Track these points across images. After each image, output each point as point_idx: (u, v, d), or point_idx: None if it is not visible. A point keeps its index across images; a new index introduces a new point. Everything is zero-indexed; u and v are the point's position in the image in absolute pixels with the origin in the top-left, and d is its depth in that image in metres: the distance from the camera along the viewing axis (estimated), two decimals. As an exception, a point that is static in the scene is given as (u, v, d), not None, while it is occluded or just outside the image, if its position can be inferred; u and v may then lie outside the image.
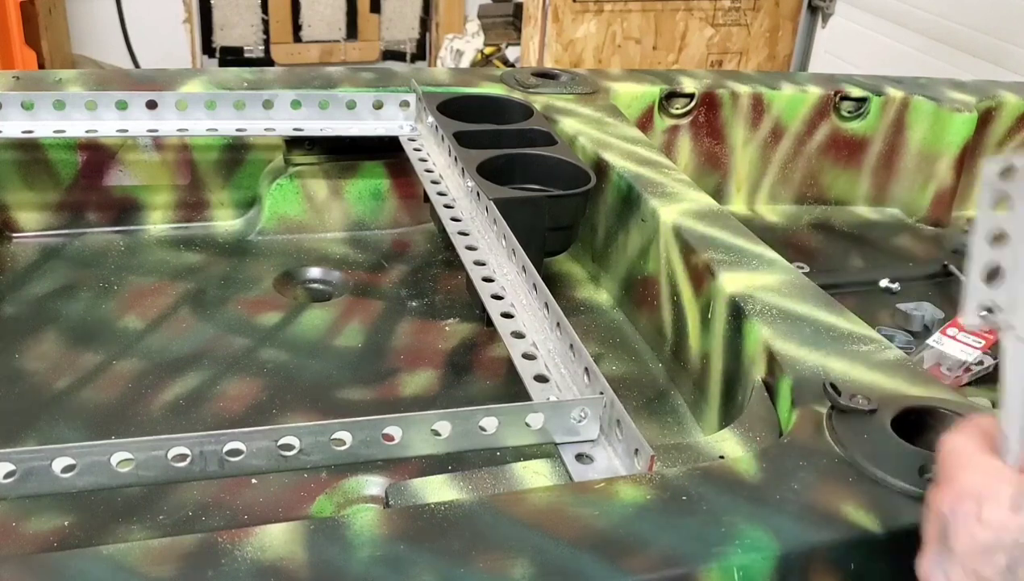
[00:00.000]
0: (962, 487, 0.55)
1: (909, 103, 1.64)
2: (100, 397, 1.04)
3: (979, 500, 0.53)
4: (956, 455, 0.57)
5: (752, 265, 1.03)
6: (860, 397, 0.78)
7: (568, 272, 1.36)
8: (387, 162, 1.40)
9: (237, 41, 4.45)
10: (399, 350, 1.15)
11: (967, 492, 0.54)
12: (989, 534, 0.52)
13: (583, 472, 0.78)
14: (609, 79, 1.56)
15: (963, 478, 0.55)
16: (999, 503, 0.53)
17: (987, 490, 0.53)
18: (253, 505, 0.89)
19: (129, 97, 1.27)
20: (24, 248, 1.31)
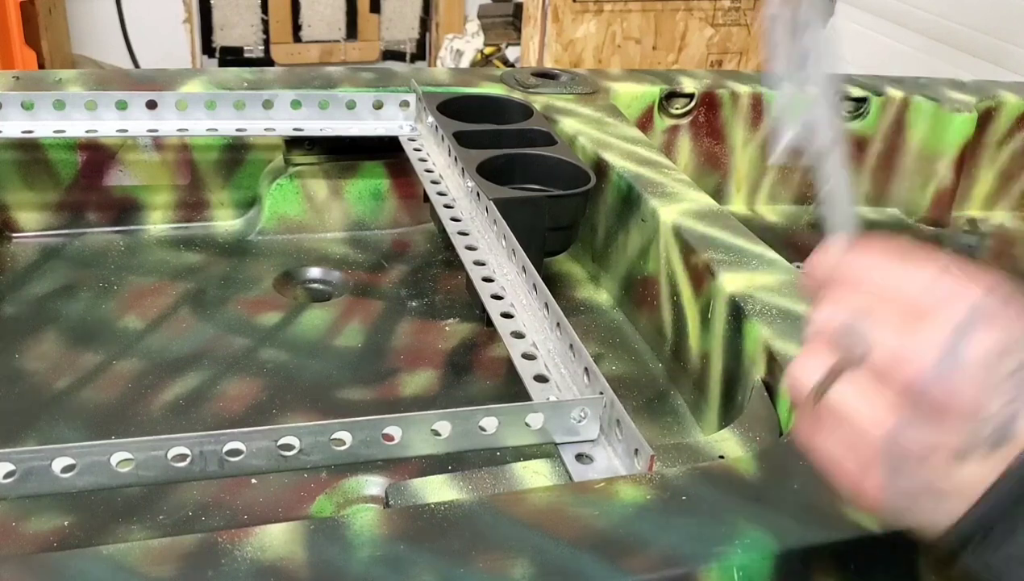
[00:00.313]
0: (970, 290, 0.50)
1: (909, 103, 1.64)
2: (100, 397, 1.04)
3: (993, 305, 0.50)
4: (911, 260, 0.53)
5: (752, 265, 1.03)
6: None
7: (568, 272, 1.36)
8: (387, 162, 1.40)
9: (237, 41, 4.45)
10: (399, 350, 1.15)
11: (978, 296, 0.50)
12: (1003, 337, 0.49)
13: (583, 472, 0.78)
14: (609, 79, 1.56)
15: (963, 280, 0.51)
16: (1006, 307, 0.50)
17: (996, 294, 0.50)
18: (253, 505, 0.89)
19: (129, 97, 1.27)
20: (24, 248, 1.31)
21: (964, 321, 0.49)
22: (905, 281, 0.51)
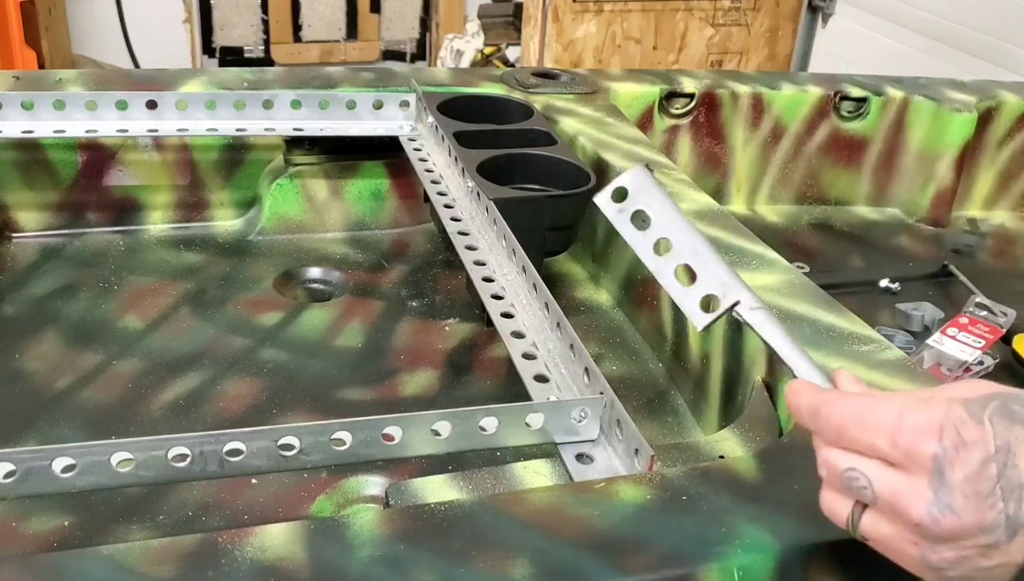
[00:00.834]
0: (925, 425, 0.56)
1: (909, 103, 1.64)
2: (100, 397, 1.04)
3: (954, 427, 0.55)
4: (874, 407, 0.59)
5: (752, 265, 1.03)
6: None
7: (568, 272, 1.36)
8: (387, 162, 1.40)
9: (237, 41, 4.45)
10: (399, 350, 1.15)
11: (935, 427, 0.56)
12: (977, 451, 0.54)
13: (583, 472, 0.78)
14: (609, 79, 1.56)
15: (914, 419, 0.57)
16: (966, 421, 0.55)
17: (951, 416, 0.56)
18: (253, 505, 0.89)
19: (129, 97, 1.27)
20: (24, 248, 1.31)
21: (938, 456, 0.55)
22: (875, 433, 0.58)
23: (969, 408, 0.55)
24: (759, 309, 0.65)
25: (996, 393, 0.56)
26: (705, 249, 0.69)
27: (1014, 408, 0.55)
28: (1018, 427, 0.54)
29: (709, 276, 0.68)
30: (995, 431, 0.54)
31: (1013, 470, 0.54)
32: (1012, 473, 0.54)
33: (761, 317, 0.65)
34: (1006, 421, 0.55)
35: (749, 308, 0.66)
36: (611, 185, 0.74)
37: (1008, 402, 0.55)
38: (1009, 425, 0.54)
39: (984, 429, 0.54)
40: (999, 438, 0.54)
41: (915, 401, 0.57)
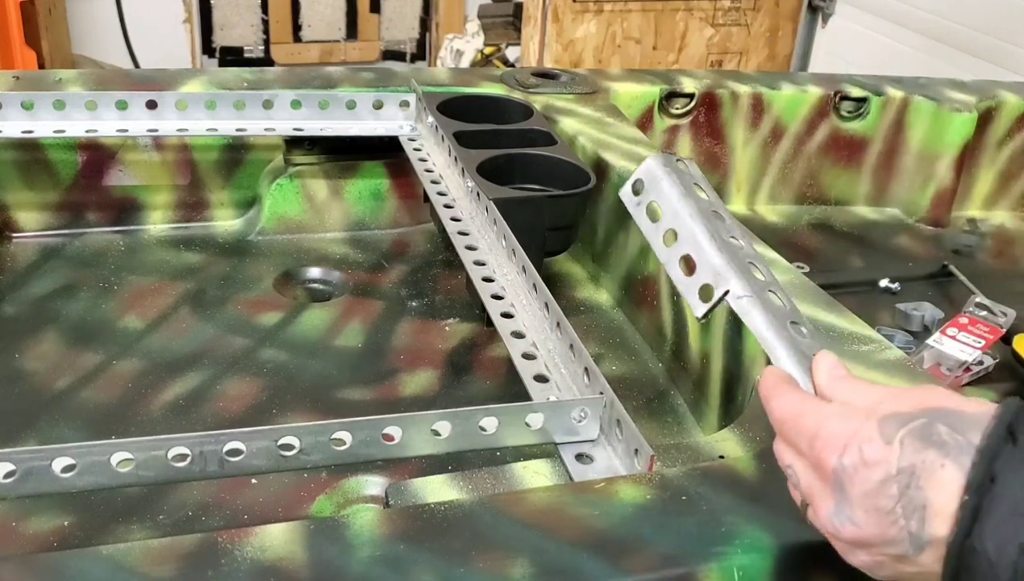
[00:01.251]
0: (836, 437, 0.58)
1: (909, 103, 1.64)
2: (100, 397, 1.04)
3: (858, 445, 0.57)
4: (801, 414, 0.61)
5: (752, 265, 1.03)
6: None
7: (568, 272, 1.36)
8: (387, 162, 1.40)
9: (237, 41, 4.45)
10: (399, 350, 1.15)
11: (843, 441, 0.57)
12: (878, 471, 0.56)
13: (583, 472, 0.78)
14: (609, 79, 1.56)
15: (830, 429, 0.59)
16: (872, 440, 0.56)
17: (859, 433, 0.57)
18: (253, 505, 0.89)
19: (129, 97, 1.27)
20: (24, 248, 1.31)
21: (837, 471, 0.57)
22: (799, 436, 0.61)
23: (882, 426, 0.56)
24: (745, 297, 0.67)
25: (931, 410, 0.57)
26: (705, 239, 0.70)
27: (937, 430, 0.55)
28: (931, 450, 0.55)
29: (706, 266, 0.70)
30: (902, 452, 0.55)
31: (917, 491, 0.54)
32: (915, 494, 0.54)
33: (747, 305, 0.67)
34: (919, 443, 0.55)
35: (736, 297, 0.68)
36: (630, 179, 0.76)
37: (934, 422, 0.56)
38: (921, 447, 0.55)
39: (890, 449, 0.55)
40: (904, 460, 0.55)
41: (839, 412, 0.59)
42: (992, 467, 0.52)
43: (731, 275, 0.69)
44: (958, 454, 0.54)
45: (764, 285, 0.70)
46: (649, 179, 0.75)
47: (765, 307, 0.68)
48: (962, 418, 0.55)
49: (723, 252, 0.70)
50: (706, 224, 0.71)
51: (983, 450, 0.53)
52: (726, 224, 0.74)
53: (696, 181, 0.76)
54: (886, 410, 0.58)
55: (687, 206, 0.72)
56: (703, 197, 0.74)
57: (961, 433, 0.55)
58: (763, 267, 0.71)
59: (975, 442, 0.54)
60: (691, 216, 0.72)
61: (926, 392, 0.59)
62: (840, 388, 0.63)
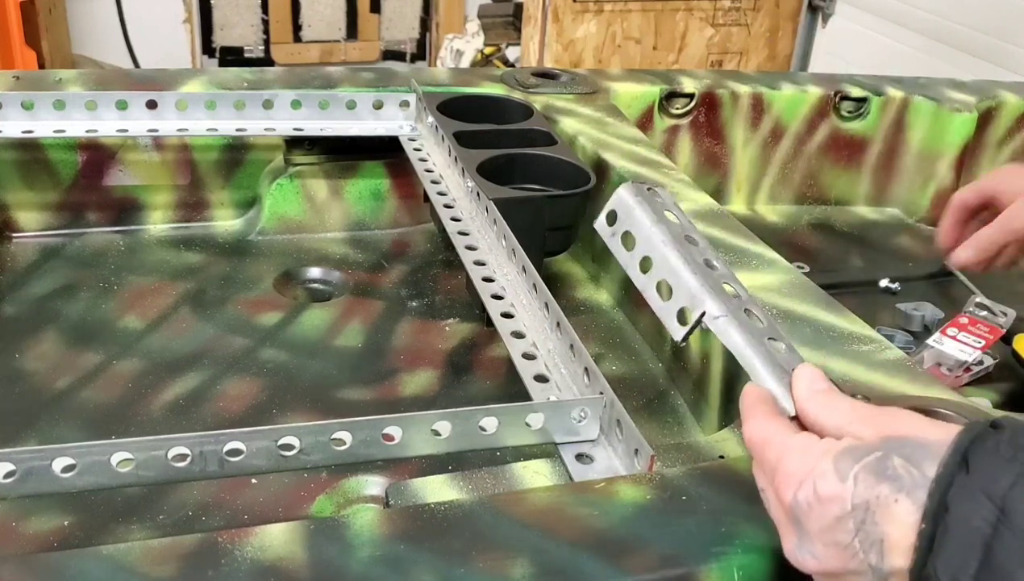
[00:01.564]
0: (792, 474, 0.59)
1: (909, 103, 1.64)
2: (100, 397, 1.04)
3: (812, 482, 0.57)
4: (766, 444, 0.62)
5: (752, 265, 1.03)
6: (860, 397, 0.78)
7: (568, 272, 1.36)
8: (387, 162, 1.40)
9: (237, 41, 4.45)
10: (399, 350, 1.15)
11: (798, 478, 0.58)
12: (833, 507, 0.56)
13: (583, 472, 0.78)
14: (609, 79, 1.56)
15: (788, 465, 0.59)
16: (827, 477, 0.57)
17: (813, 469, 0.58)
18: (253, 505, 0.89)
19: (129, 97, 1.27)
20: (24, 248, 1.31)
21: (793, 507, 0.58)
22: (763, 466, 0.62)
23: (837, 462, 0.57)
24: (721, 317, 0.68)
25: (891, 439, 0.57)
26: (679, 263, 0.72)
27: (892, 463, 0.55)
28: (885, 485, 0.55)
29: (682, 290, 0.71)
30: (856, 489, 0.56)
31: (873, 526, 0.55)
32: (872, 529, 0.55)
33: (723, 324, 0.68)
34: (873, 478, 0.55)
35: (712, 318, 0.69)
36: (604, 210, 0.78)
37: (890, 455, 0.56)
38: (875, 483, 0.55)
39: (844, 486, 0.56)
40: (858, 496, 0.55)
41: (800, 446, 0.60)
42: (946, 497, 0.53)
43: (706, 297, 0.70)
44: (912, 488, 0.54)
45: (740, 304, 0.71)
46: (621, 209, 0.77)
47: (741, 325, 0.69)
48: (920, 448, 0.56)
49: (696, 275, 0.71)
50: (679, 249, 0.73)
51: (938, 479, 0.53)
52: (699, 247, 0.75)
53: (668, 207, 0.77)
54: (844, 445, 0.58)
55: (659, 232, 0.74)
56: (675, 223, 0.75)
57: (916, 465, 0.55)
58: (739, 286, 0.72)
59: (930, 474, 0.54)
60: (663, 242, 0.74)
61: (892, 417, 0.59)
62: (816, 403, 0.64)
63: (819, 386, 0.65)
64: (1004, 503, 0.51)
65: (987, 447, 0.54)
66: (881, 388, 0.82)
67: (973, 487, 0.52)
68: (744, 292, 0.73)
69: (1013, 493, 0.51)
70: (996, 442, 0.54)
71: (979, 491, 0.52)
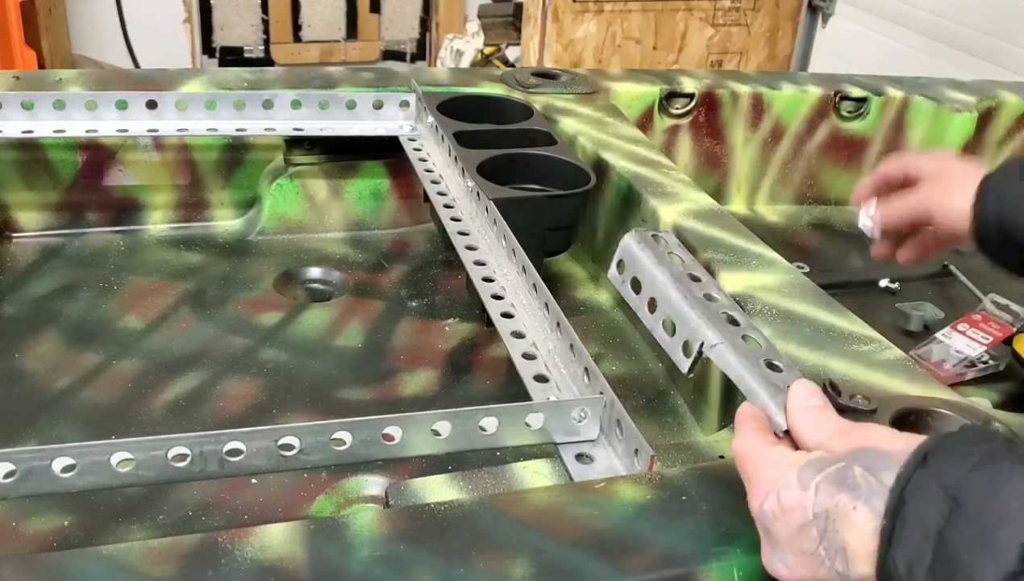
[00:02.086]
0: (761, 484, 0.61)
1: (909, 103, 1.64)
2: (100, 397, 1.04)
3: (777, 492, 0.59)
4: (744, 456, 0.64)
5: (752, 265, 1.03)
6: (860, 397, 0.78)
7: (568, 272, 1.36)
8: (387, 162, 1.40)
9: (237, 41, 4.45)
10: (399, 350, 1.15)
11: (765, 488, 0.61)
12: (796, 516, 0.58)
13: (583, 472, 0.78)
14: (609, 79, 1.56)
15: (759, 475, 0.62)
16: (790, 487, 0.59)
17: (779, 480, 0.60)
18: (253, 505, 0.89)
19: (129, 97, 1.27)
20: (24, 248, 1.31)
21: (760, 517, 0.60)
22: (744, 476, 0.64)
23: (800, 473, 0.59)
24: (718, 344, 0.72)
25: (857, 451, 0.58)
26: (680, 300, 0.76)
27: (852, 472, 0.57)
28: (843, 494, 0.56)
29: (683, 324, 0.76)
30: (816, 499, 0.57)
31: (834, 534, 0.56)
32: (833, 537, 0.56)
33: (720, 351, 0.72)
34: (833, 488, 0.57)
35: (710, 346, 0.73)
36: (613, 259, 0.85)
37: (852, 465, 0.57)
38: (835, 492, 0.57)
39: (806, 496, 0.58)
40: (818, 505, 0.57)
41: (773, 459, 0.62)
42: (904, 491, 0.54)
43: (705, 328, 0.74)
44: (869, 496, 0.56)
45: (738, 331, 0.74)
46: (627, 256, 0.83)
47: (737, 350, 0.72)
48: (881, 458, 0.57)
49: (695, 309, 0.75)
50: (679, 287, 0.78)
51: (898, 478, 0.55)
52: (702, 283, 0.79)
53: (672, 250, 0.82)
54: (810, 456, 0.60)
55: (661, 273, 0.79)
56: (678, 264, 0.80)
57: (875, 474, 0.56)
58: (741, 315, 0.76)
59: (887, 482, 0.55)
60: (665, 283, 0.79)
61: (866, 431, 0.61)
62: (805, 420, 0.65)
63: (812, 403, 0.66)
64: (958, 493, 0.52)
65: (947, 445, 0.55)
66: (881, 388, 0.82)
67: (929, 480, 0.54)
68: (744, 319, 0.76)
69: (966, 483, 0.52)
70: (955, 440, 0.55)
71: (934, 484, 0.53)
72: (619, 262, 0.84)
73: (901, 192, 1.05)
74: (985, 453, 0.53)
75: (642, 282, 0.81)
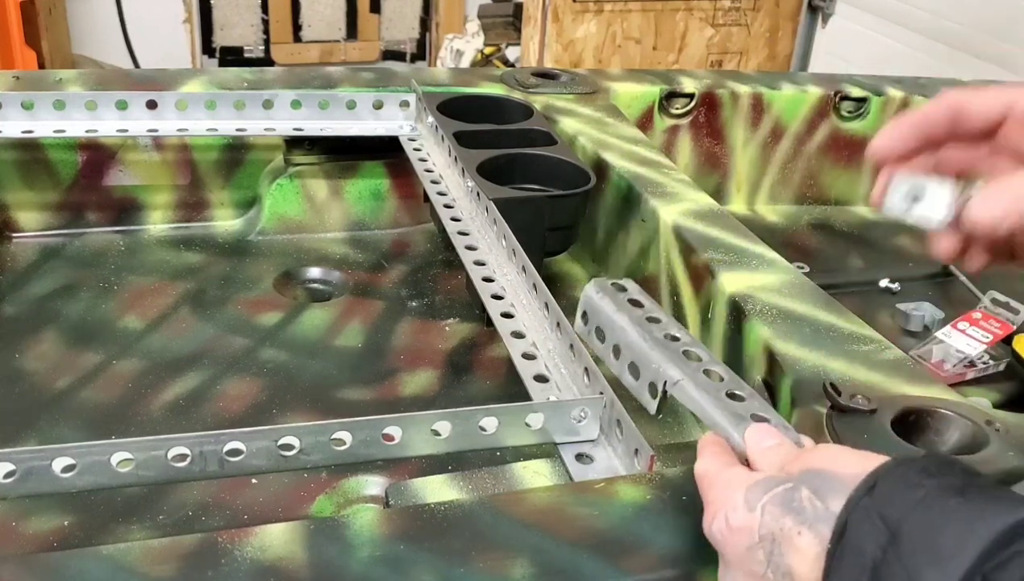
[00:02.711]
0: (710, 504, 0.61)
1: (909, 103, 1.64)
2: (100, 397, 1.04)
3: (725, 512, 0.59)
4: (701, 478, 0.64)
5: (752, 265, 1.03)
6: (860, 397, 0.78)
7: (568, 272, 1.36)
8: (387, 162, 1.40)
9: (237, 41, 4.45)
10: (399, 350, 1.15)
11: (714, 508, 0.60)
12: (743, 538, 0.57)
13: (583, 472, 0.78)
14: (609, 79, 1.56)
15: (711, 496, 0.61)
16: (737, 508, 0.58)
17: (727, 501, 0.59)
18: (253, 505, 0.89)
19: (129, 97, 1.27)
20: (24, 248, 1.31)
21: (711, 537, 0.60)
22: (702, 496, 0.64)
23: (747, 494, 0.58)
24: (680, 381, 0.73)
25: (807, 472, 0.57)
26: (640, 343, 0.78)
27: (799, 495, 0.56)
28: (788, 517, 0.56)
29: (646, 366, 0.77)
30: (762, 520, 0.57)
31: (780, 557, 0.56)
32: (779, 560, 0.56)
33: (680, 389, 0.73)
34: (778, 510, 0.56)
35: (672, 383, 0.74)
36: (578, 312, 0.86)
37: (799, 487, 0.57)
38: (780, 515, 0.56)
39: (752, 517, 0.57)
40: (764, 528, 0.56)
41: (724, 481, 0.62)
42: (848, 519, 0.53)
43: (666, 366, 0.75)
44: (815, 521, 0.55)
45: (699, 366, 0.75)
46: (589, 307, 0.85)
47: (698, 385, 0.73)
48: (831, 481, 0.56)
49: (655, 349, 0.77)
50: (639, 331, 0.79)
51: (847, 502, 0.54)
52: (662, 324, 0.80)
53: (633, 296, 0.84)
54: (758, 476, 0.60)
55: (621, 319, 0.81)
56: (638, 308, 0.82)
57: (822, 499, 0.55)
58: (702, 351, 0.77)
59: (833, 508, 0.54)
60: (625, 328, 0.80)
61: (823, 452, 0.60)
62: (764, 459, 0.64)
63: (767, 444, 0.65)
64: (898, 526, 0.51)
65: (897, 474, 0.54)
66: (881, 388, 0.82)
67: (872, 510, 0.52)
68: (706, 354, 0.77)
69: (906, 517, 0.51)
70: (906, 470, 0.54)
71: (876, 515, 0.52)
72: (583, 314, 0.86)
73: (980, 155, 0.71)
74: (933, 488, 0.52)
75: (604, 330, 0.83)
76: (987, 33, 2.82)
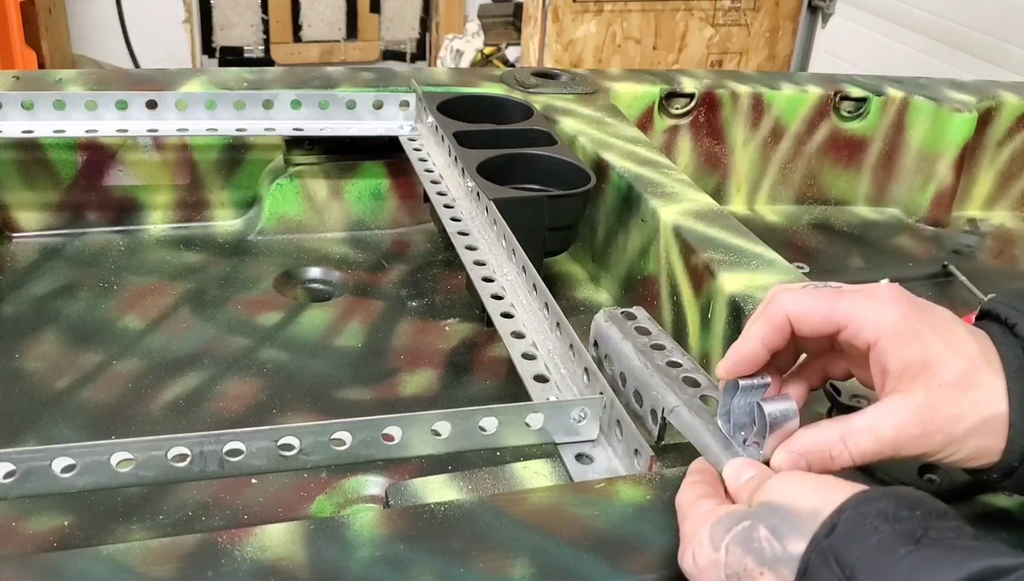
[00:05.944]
0: (682, 539, 0.61)
1: (909, 103, 1.64)
2: (100, 397, 1.04)
3: (692, 549, 0.59)
4: (678, 509, 0.65)
5: (752, 265, 1.03)
6: (861, 397, 0.78)
7: (568, 272, 1.36)
8: (387, 162, 1.40)
9: (237, 41, 4.45)
10: (399, 350, 1.16)
11: (685, 544, 0.61)
12: (711, 574, 0.58)
13: (583, 472, 0.78)
14: (609, 79, 1.56)
15: (683, 529, 0.62)
16: (702, 544, 0.58)
17: (694, 537, 0.59)
18: (253, 505, 0.89)
19: (129, 97, 1.27)
20: (24, 248, 1.31)
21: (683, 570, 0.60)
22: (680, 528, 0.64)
23: (712, 531, 0.58)
24: (676, 407, 0.74)
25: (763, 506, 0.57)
26: (642, 370, 0.80)
27: (758, 535, 0.56)
28: (749, 557, 0.56)
29: (648, 393, 0.78)
30: (727, 560, 0.57)
31: None
32: None
33: (676, 414, 0.74)
34: (740, 549, 0.57)
35: (669, 410, 0.75)
36: (590, 339, 0.89)
37: (757, 526, 0.57)
38: (742, 554, 0.56)
39: (717, 556, 0.57)
40: (730, 567, 0.57)
41: (695, 517, 0.62)
42: (808, 563, 0.53)
43: (665, 392, 0.76)
44: (775, 563, 0.55)
45: (696, 392, 0.76)
46: (598, 335, 0.87)
47: (692, 411, 0.73)
48: (787, 520, 0.56)
49: (656, 376, 0.78)
50: (642, 358, 0.81)
51: (810, 543, 0.54)
52: (666, 351, 0.82)
53: (640, 324, 0.86)
54: (721, 512, 0.60)
55: (626, 347, 0.83)
56: (644, 336, 0.84)
57: (780, 539, 0.55)
58: (702, 376, 0.78)
59: (791, 549, 0.54)
60: (629, 355, 0.82)
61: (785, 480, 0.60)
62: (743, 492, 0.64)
63: (744, 476, 0.65)
64: (852, 572, 0.51)
65: (856, 515, 0.54)
66: (881, 388, 0.82)
67: (828, 553, 0.53)
68: (705, 379, 0.77)
69: (860, 563, 0.51)
70: (865, 511, 0.54)
71: (833, 559, 0.52)
72: (594, 342, 0.88)
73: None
74: (887, 534, 0.52)
75: (611, 358, 0.85)
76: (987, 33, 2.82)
